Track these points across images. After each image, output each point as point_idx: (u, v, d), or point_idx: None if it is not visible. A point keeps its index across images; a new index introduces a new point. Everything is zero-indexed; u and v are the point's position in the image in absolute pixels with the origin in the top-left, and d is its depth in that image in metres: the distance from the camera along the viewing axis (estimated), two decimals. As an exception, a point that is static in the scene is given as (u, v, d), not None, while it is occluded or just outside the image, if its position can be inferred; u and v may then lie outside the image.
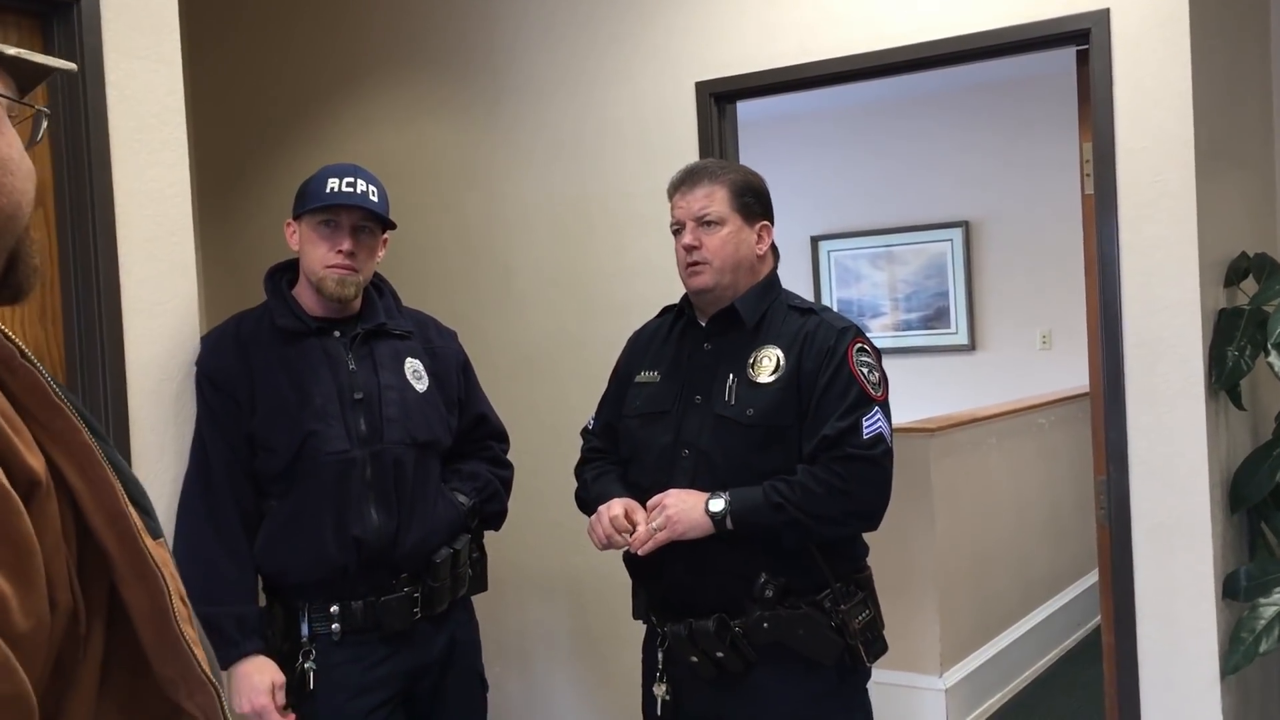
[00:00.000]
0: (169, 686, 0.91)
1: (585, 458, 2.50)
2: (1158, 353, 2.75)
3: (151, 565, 0.89)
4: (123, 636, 0.87)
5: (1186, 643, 2.76)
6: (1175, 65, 2.70)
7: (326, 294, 2.32)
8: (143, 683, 0.89)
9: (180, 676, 0.90)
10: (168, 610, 0.90)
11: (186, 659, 0.91)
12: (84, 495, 0.84)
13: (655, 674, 2.32)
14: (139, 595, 0.88)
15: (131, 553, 0.87)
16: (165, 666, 0.90)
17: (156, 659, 0.89)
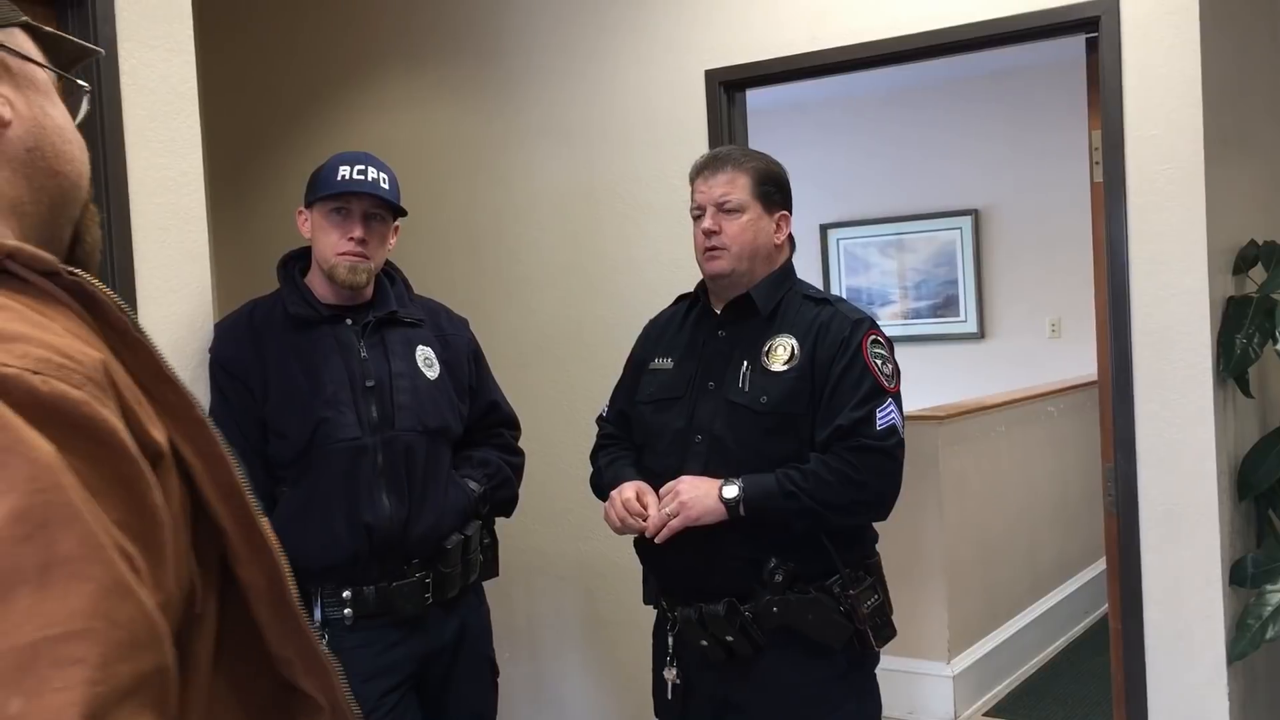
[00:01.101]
0: (284, 667, 0.89)
1: (600, 444, 2.51)
2: (1166, 340, 2.76)
3: (268, 543, 0.87)
4: (235, 616, 0.85)
5: (1193, 629, 2.77)
6: (1185, 53, 2.70)
7: (338, 281, 2.34)
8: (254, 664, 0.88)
9: (296, 656, 0.89)
10: (285, 588, 0.88)
11: (304, 638, 0.90)
12: (199, 471, 0.82)
13: (666, 658, 2.34)
14: (255, 573, 0.86)
15: (248, 530, 0.86)
16: (282, 646, 0.88)
17: (273, 639, 0.88)
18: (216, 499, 0.84)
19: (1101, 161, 2.83)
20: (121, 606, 0.66)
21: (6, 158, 0.85)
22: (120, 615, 0.66)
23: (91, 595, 0.64)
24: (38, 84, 0.90)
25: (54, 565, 0.64)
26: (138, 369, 0.80)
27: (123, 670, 0.65)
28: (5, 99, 0.85)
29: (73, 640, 0.63)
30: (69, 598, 0.64)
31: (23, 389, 0.68)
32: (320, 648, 0.91)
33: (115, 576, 0.67)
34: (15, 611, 0.62)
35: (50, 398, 0.68)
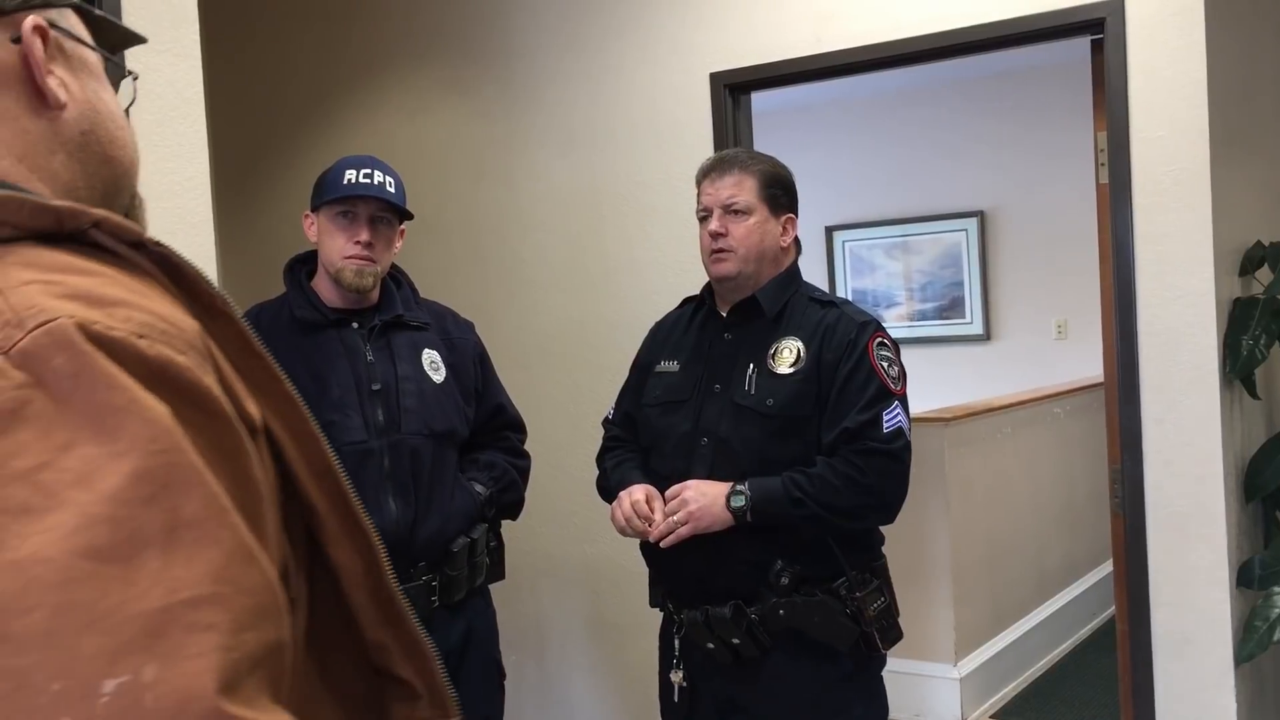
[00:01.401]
0: (376, 652, 0.86)
1: (606, 447, 2.52)
2: (1172, 342, 2.75)
3: (363, 522, 0.84)
4: (325, 600, 0.82)
5: (1200, 631, 2.76)
6: (1190, 54, 2.70)
7: (345, 284, 2.34)
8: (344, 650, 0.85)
9: (393, 641, 0.86)
10: (382, 571, 0.85)
11: (403, 621, 0.87)
12: (289, 447, 0.80)
13: (672, 661, 2.34)
14: (349, 555, 0.83)
15: (342, 510, 0.83)
16: (376, 630, 0.85)
17: (368, 623, 0.85)
18: (308, 477, 0.81)
19: (1107, 163, 2.83)
20: (247, 572, 0.65)
21: (61, 141, 0.83)
22: (247, 581, 0.64)
23: (218, 559, 0.63)
24: (90, 67, 0.88)
25: (179, 527, 0.62)
26: (225, 343, 0.77)
27: (251, 639, 0.63)
28: (60, 81, 0.83)
29: (203, 605, 0.61)
30: (196, 561, 0.62)
31: (130, 352, 0.66)
32: (419, 632, 0.88)
33: (240, 541, 0.65)
34: (143, 575, 0.60)
35: (157, 362, 0.67)
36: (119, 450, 0.62)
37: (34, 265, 0.70)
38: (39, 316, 0.65)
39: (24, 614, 0.58)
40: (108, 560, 0.60)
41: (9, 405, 0.63)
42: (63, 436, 0.62)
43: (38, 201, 0.73)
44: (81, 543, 0.60)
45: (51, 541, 0.59)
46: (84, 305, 0.67)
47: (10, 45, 0.80)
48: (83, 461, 0.62)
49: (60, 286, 0.68)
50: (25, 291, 0.67)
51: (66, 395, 0.63)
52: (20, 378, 0.63)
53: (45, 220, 0.73)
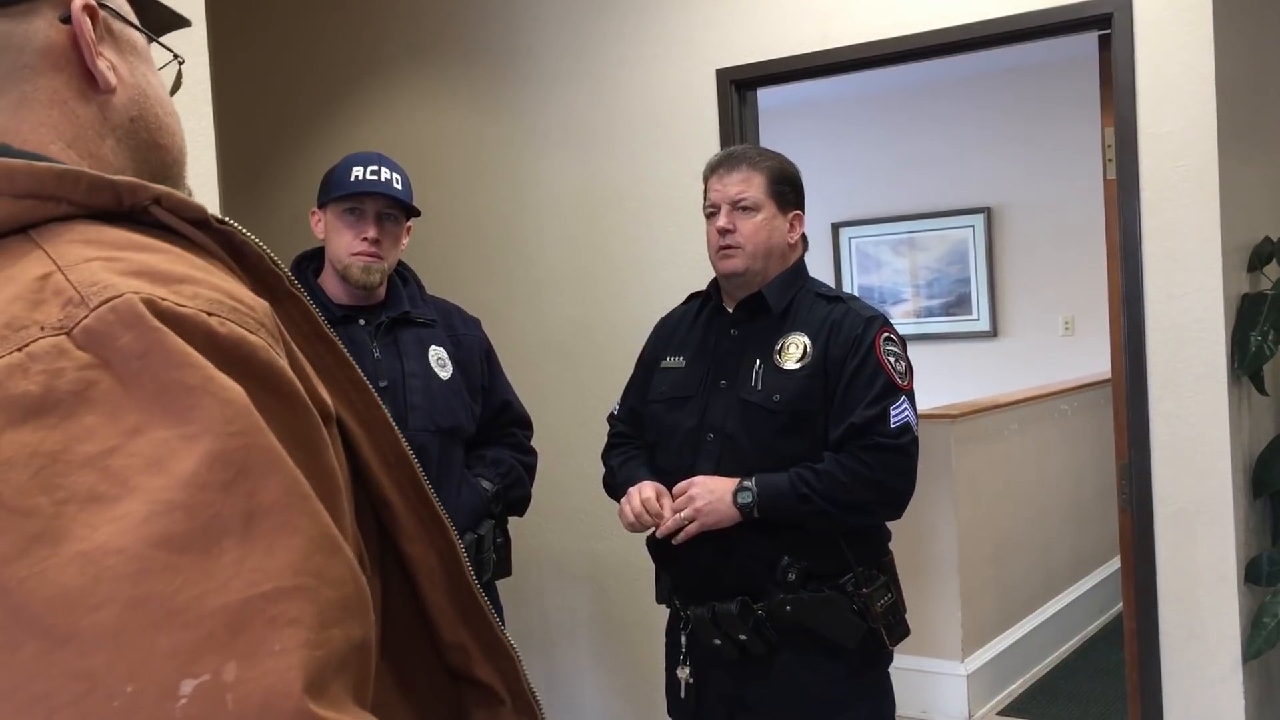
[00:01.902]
0: (454, 654, 0.81)
1: (611, 443, 2.52)
2: (1180, 338, 2.75)
3: (440, 516, 0.79)
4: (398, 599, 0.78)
5: (1208, 628, 2.76)
6: (1198, 49, 2.69)
7: (352, 281, 2.35)
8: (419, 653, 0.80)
9: (474, 642, 0.81)
10: (460, 566, 0.80)
11: (483, 621, 0.81)
12: (360, 437, 0.75)
13: (679, 657, 2.34)
14: (425, 550, 0.78)
15: (417, 502, 0.78)
16: (454, 631, 0.80)
17: (445, 624, 0.80)
18: (381, 468, 0.77)
19: (1115, 158, 2.83)
20: (331, 563, 0.60)
21: (111, 126, 0.79)
22: (331, 573, 0.60)
23: (301, 548, 0.59)
24: (138, 49, 0.83)
25: (259, 515, 0.58)
26: (291, 325, 0.73)
27: (336, 636, 0.59)
28: (110, 64, 0.79)
29: (285, 598, 0.57)
30: (277, 551, 0.58)
31: (201, 329, 0.62)
32: (502, 632, 0.83)
33: (323, 529, 0.61)
34: (221, 566, 0.56)
35: (229, 340, 0.62)
36: (193, 433, 0.58)
37: (95, 242, 0.66)
38: (104, 293, 0.61)
39: (94, 610, 0.54)
40: (183, 550, 0.56)
41: (74, 387, 0.59)
42: (132, 419, 0.58)
43: (96, 176, 0.69)
44: (155, 531, 0.55)
45: (123, 530, 0.55)
46: (150, 282, 0.63)
47: (59, 25, 0.77)
48: (154, 445, 0.58)
49: (123, 263, 0.64)
50: (88, 268, 0.63)
51: (135, 375, 0.59)
52: (85, 358, 0.59)
53: (104, 196, 0.69)
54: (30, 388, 0.58)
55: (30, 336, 0.60)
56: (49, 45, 0.76)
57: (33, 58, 0.76)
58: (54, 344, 0.60)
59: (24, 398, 0.58)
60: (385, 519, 0.77)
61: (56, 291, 0.62)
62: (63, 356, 0.59)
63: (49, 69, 0.76)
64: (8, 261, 0.65)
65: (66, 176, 0.68)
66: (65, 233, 0.67)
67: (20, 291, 0.62)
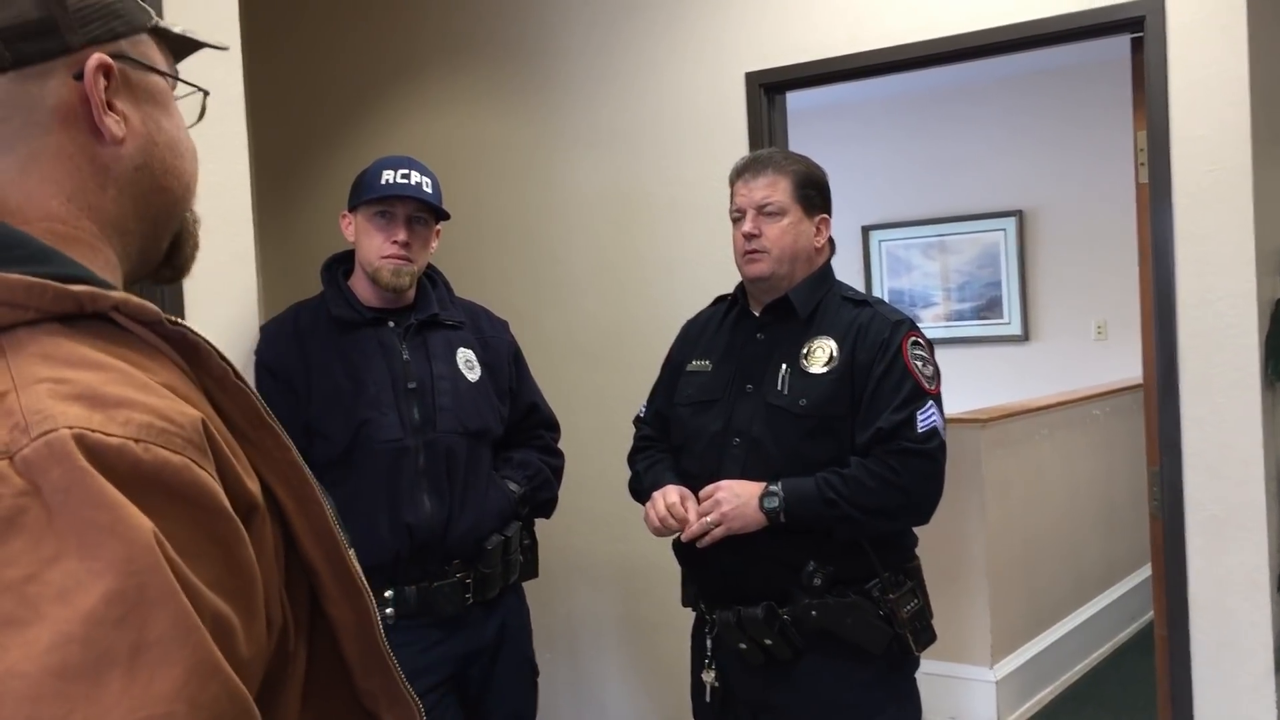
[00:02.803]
0: (368, 699, 0.91)
1: (637, 446, 2.52)
2: (1213, 343, 2.72)
3: (358, 582, 0.89)
4: (323, 653, 0.87)
5: (1240, 636, 2.73)
6: (1232, 52, 2.66)
7: (382, 284, 2.36)
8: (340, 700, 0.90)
9: (381, 690, 0.91)
10: (373, 625, 0.90)
11: (389, 672, 0.91)
12: (294, 515, 0.84)
13: (704, 661, 2.34)
14: (345, 611, 0.88)
15: (339, 570, 0.87)
16: (368, 680, 0.90)
17: (360, 673, 0.90)
18: (310, 541, 0.85)
19: (1147, 162, 2.80)
20: (206, 687, 0.67)
21: (113, 176, 0.85)
22: (204, 697, 0.67)
23: (179, 678, 0.66)
24: (155, 95, 0.88)
25: (144, 648, 0.65)
26: (236, 415, 0.81)
27: None
28: (122, 116, 0.84)
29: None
30: (157, 681, 0.65)
31: (127, 460, 0.69)
32: (404, 684, 0.93)
33: (202, 657, 0.68)
34: (107, 695, 0.64)
35: (152, 466, 0.70)
36: (98, 569, 0.65)
37: (50, 359, 0.73)
38: (42, 425, 0.68)
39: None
40: (75, 679, 0.63)
41: (7, 513, 0.66)
42: (50, 549, 0.65)
43: (60, 289, 0.75)
44: (54, 661, 0.63)
45: (29, 656, 0.63)
46: (88, 408, 0.70)
47: (72, 82, 0.81)
48: (65, 576, 0.65)
49: (69, 386, 0.71)
50: (36, 392, 0.70)
51: (59, 507, 0.66)
52: (20, 484, 0.66)
53: (67, 305, 0.76)
54: None
55: None
56: (60, 103, 0.82)
57: (44, 116, 0.81)
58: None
59: None
60: (314, 583, 0.86)
61: (8, 413, 0.69)
62: (3, 483, 0.66)
63: (59, 125, 0.82)
64: None
65: (34, 289, 0.74)
66: (29, 344, 0.73)
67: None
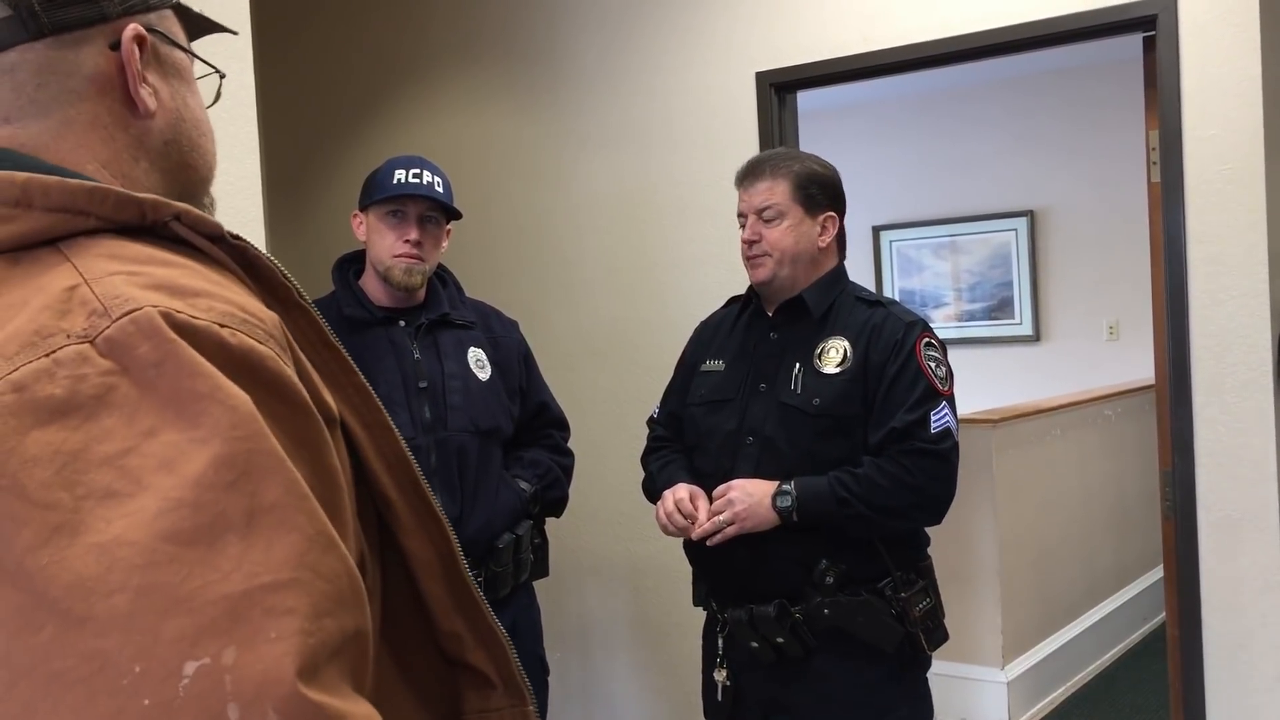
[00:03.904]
0: (449, 641, 0.87)
1: (650, 446, 2.52)
2: (1225, 343, 2.71)
3: (436, 512, 0.85)
4: (398, 590, 0.84)
5: (1253, 637, 2.72)
6: (1245, 51, 2.66)
7: (394, 283, 2.37)
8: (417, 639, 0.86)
9: (467, 630, 0.87)
10: (456, 559, 0.86)
11: (477, 610, 0.87)
12: (362, 438, 0.81)
13: (715, 660, 2.34)
14: (423, 544, 0.84)
15: (415, 499, 0.84)
16: (449, 620, 0.86)
17: (441, 613, 0.86)
18: (382, 468, 0.82)
19: (1159, 162, 2.80)
20: (326, 559, 0.65)
21: (145, 148, 0.84)
22: (325, 568, 0.65)
23: (298, 544, 0.64)
24: (182, 71, 0.88)
25: (260, 513, 0.63)
26: (299, 335, 0.79)
27: (330, 625, 0.64)
28: (152, 89, 0.84)
29: (282, 589, 0.62)
30: (276, 546, 0.63)
31: (213, 340, 0.67)
32: (494, 620, 0.89)
33: (320, 527, 0.66)
34: (224, 559, 0.61)
35: (239, 351, 0.68)
36: (201, 436, 0.63)
37: (119, 257, 0.71)
38: (125, 305, 0.67)
39: (108, 596, 0.59)
40: (190, 544, 0.61)
41: (95, 391, 0.64)
42: (147, 422, 0.64)
43: (122, 194, 0.74)
44: (165, 526, 0.61)
45: (136, 525, 0.61)
46: (167, 295, 0.68)
47: (109, 52, 0.81)
48: (166, 447, 0.63)
49: (144, 277, 0.69)
50: (111, 281, 0.68)
51: (151, 382, 0.64)
52: (106, 365, 0.65)
53: (129, 212, 0.74)
54: (56, 391, 0.64)
55: (57, 344, 0.65)
56: (97, 72, 0.81)
57: (80, 83, 0.81)
58: (78, 351, 0.65)
59: (49, 400, 0.63)
60: (386, 515, 0.83)
61: (82, 302, 0.67)
62: (86, 363, 0.65)
63: (95, 93, 0.81)
64: (38, 271, 0.71)
65: (95, 193, 0.73)
66: (92, 247, 0.72)
67: (49, 301, 0.68)
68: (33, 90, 0.79)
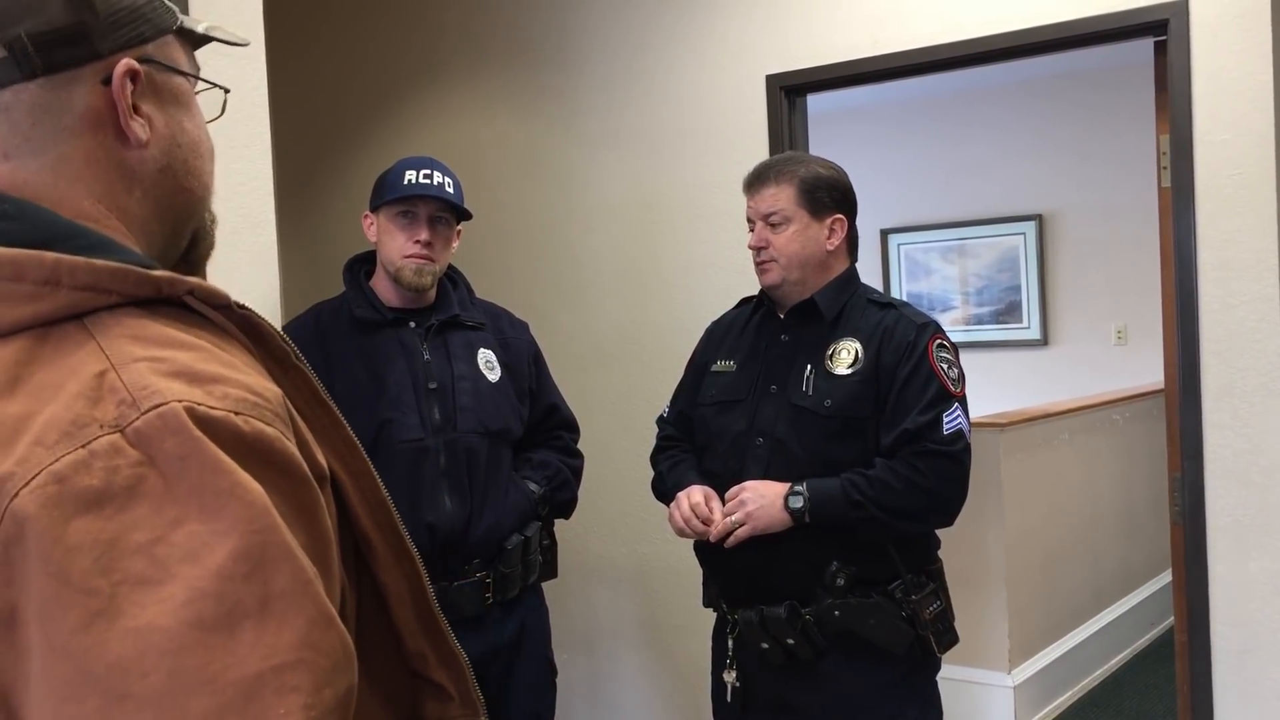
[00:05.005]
0: (415, 659, 0.95)
1: (660, 446, 2.52)
2: (1236, 348, 2.71)
3: (410, 549, 0.94)
4: (371, 611, 0.92)
5: (1261, 644, 2.72)
6: (1256, 56, 2.65)
7: (404, 283, 2.37)
8: (388, 656, 0.94)
9: (431, 650, 0.95)
10: (424, 591, 0.94)
11: (440, 635, 0.96)
12: (348, 486, 0.89)
13: (725, 661, 2.35)
14: (396, 578, 0.92)
15: (392, 538, 0.92)
16: (416, 641, 0.95)
17: (409, 636, 0.94)
18: (365, 511, 0.90)
19: (1170, 166, 2.79)
20: (326, 636, 0.72)
21: (138, 178, 0.87)
22: (325, 644, 0.72)
23: (303, 628, 0.70)
24: (179, 96, 0.91)
25: (272, 600, 0.69)
26: (296, 395, 0.85)
27: (328, 695, 0.71)
28: (146, 119, 0.87)
29: (289, 670, 0.69)
30: (285, 630, 0.69)
31: (230, 431, 0.73)
32: (455, 644, 0.97)
33: (320, 608, 0.72)
34: (241, 645, 0.68)
35: (251, 437, 0.74)
36: (222, 529, 0.69)
37: (141, 339, 0.76)
38: (153, 399, 0.72)
39: (143, 677, 0.65)
40: (213, 630, 0.67)
41: (127, 482, 0.69)
42: (173, 513, 0.69)
43: (141, 274, 0.79)
44: (191, 614, 0.67)
45: (166, 612, 0.67)
46: (187, 384, 0.73)
47: (101, 88, 0.84)
48: (191, 538, 0.69)
49: (166, 364, 0.75)
50: (137, 370, 0.73)
51: (176, 475, 0.70)
52: (136, 456, 0.70)
53: (147, 289, 0.79)
54: (94, 482, 0.69)
55: (91, 434, 0.70)
56: (89, 108, 0.84)
57: (73, 121, 0.84)
58: (111, 442, 0.70)
59: (88, 491, 0.69)
60: (365, 551, 0.91)
61: (112, 390, 0.72)
62: (118, 454, 0.70)
63: (88, 130, 0.84)
64: (67, 350, 0.76)
65: (118, 274, 0.78)
66: (114, 326, 0.77)
67: (81, 388, 0.73)
68: (28, 128, 0.83)
